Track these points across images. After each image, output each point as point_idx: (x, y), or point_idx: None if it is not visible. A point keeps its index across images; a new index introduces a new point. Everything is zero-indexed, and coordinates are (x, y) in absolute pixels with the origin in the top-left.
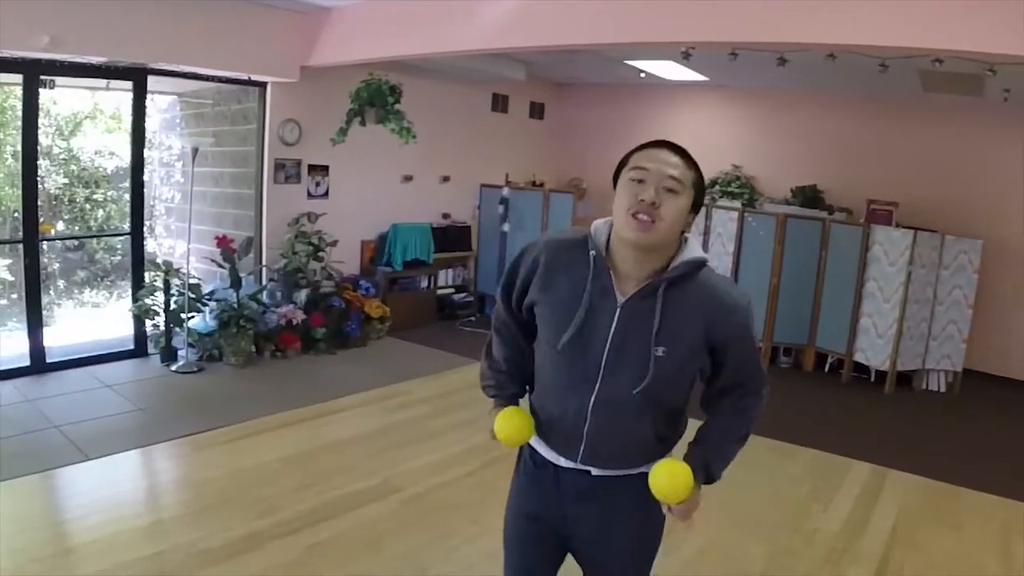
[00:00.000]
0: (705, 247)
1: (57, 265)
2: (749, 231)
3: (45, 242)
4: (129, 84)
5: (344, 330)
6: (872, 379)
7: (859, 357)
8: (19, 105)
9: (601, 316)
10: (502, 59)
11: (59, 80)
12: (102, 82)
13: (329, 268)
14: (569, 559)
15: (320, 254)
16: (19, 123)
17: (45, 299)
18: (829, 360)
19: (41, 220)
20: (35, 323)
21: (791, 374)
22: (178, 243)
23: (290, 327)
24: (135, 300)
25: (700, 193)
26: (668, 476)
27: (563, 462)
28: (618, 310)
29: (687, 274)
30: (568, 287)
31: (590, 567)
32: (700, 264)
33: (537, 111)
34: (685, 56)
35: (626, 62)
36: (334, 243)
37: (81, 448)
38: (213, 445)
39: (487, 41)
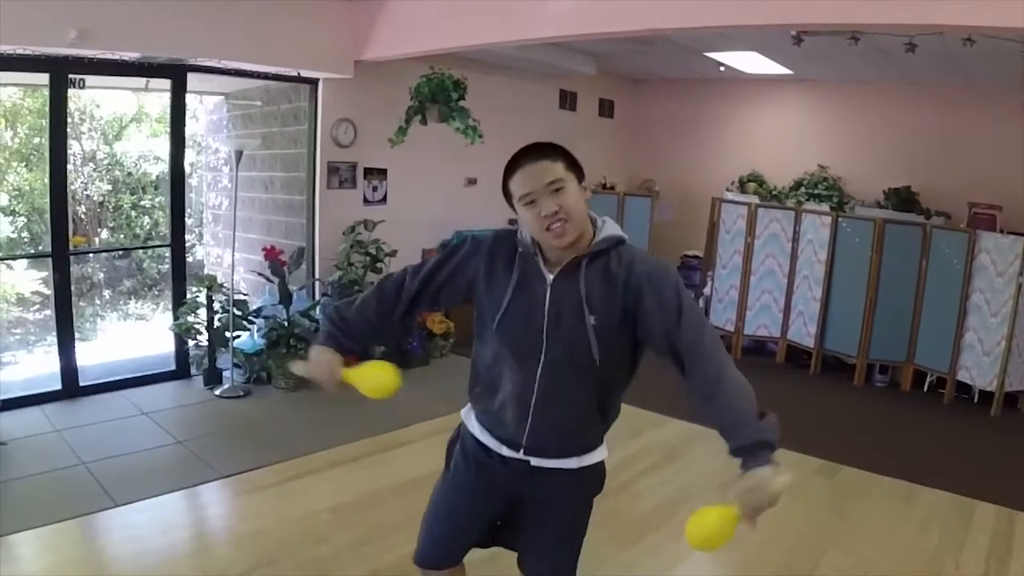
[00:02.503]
0: (794, 253)
1: (102, 275)
2: (843, 237)
3: (78, 254)
4: (167, 83)
5: (405, 348)
6: (976, 400)
7: (962, 376)
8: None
9: (535, 300)
10: (572, 52)
11: (91, 79)
12: (141, 82)
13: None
14: None
15: (378, 265)
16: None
17: (89, 310)
18: (929, 379)
19: (74, 232)
20: (67, 343)
21: (888, 394)
22: (226, 253)
23: None
24: (175, 318)
25: (576, 166)
26: (698, 525)
27: (505, 451)
28: (548, 287)
29: (605, 249)
30: (505, 277)
31: (523, 545)
32: (618, 240)
33: (607, 109)
34: (797, 42)
35: (705, 54)
36: (393, 253)
37: (109, 491)
38: (257, 489)
39: (557, 28)
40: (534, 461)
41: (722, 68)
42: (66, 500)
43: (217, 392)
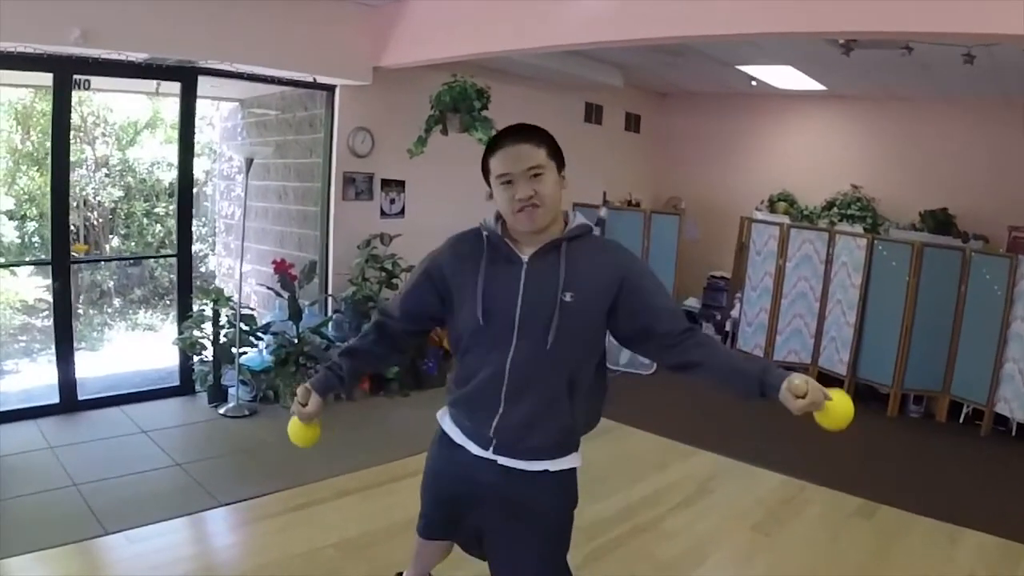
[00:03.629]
0: (827, 276)
1: (112, 283)
2: (879, 260)
3: (80, 263)
4: (177, 86)
5: (420, 368)
6: (1013, 433)
7: (1001, 408)
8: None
9: (509, 279)
10: (598, 63)
11: (99, 81)
12: (153, 85)
13: None
14: None
15: (394, 281)
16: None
17: (98, 319)
18: (965, 410)
19: (84, 238)
20: (66, 354)
21: (923, 426)
22: (238, 264)
23: None
24: (180, 332)
25: (558, 154)
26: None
27: (474, 448)
28: (524, 267)
29: (582, 234)
30: (473, 269)
31: (495, 558)
32: (589, 228)
33: (633, 123)
34: (846, 51)
35: (737, 67)
36: (410, 269)
37: (99, 517)
38: (258, 519)
39: (584, 35)
40: (502, 460)
41: (754, 83)
42: (51, 526)
43: (221, 411)
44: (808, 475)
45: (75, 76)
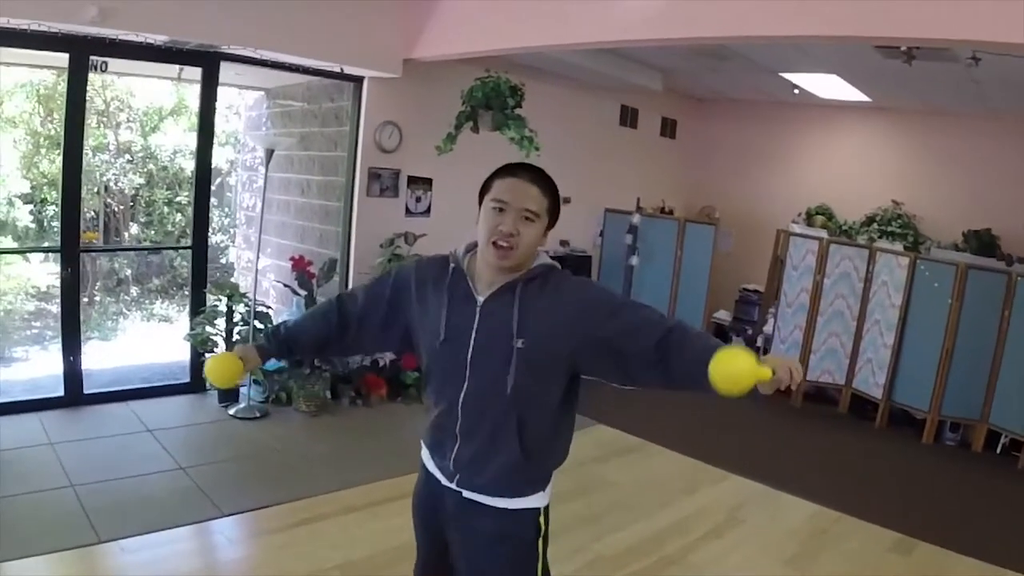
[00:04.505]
0: (866, 295)
1: (129, 271)
2: (921, 281)
3: (90, 251)
4: (199, 72)
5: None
6: None
7: None
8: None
9: (464, 318)
10: (637, 64)
11: (118, 64)
12: (175, 70)
13: None
14: None
15: None
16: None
17: (113, 307)
18: (1002, 440)
19: (104, 225)
20: (72, 346)
21: (959, 456)
22: (257, 251)
23: (376, 369)
24: (192, 327)
25: (555, 214)
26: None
27: (443, 479)
28: (478, 310)
29: (541, 275)
30: (435, 297)
31: None
32: (552, 268)
33: (669, 128)
34: (908, 59)
35: (780, 74)
36: None
37: (94, 522)
38: (261, 533)
39: (625, 32)
40: (466, 493)
41: (796, 91)
42: (43, 530)
43: (231, 412)
44: (841, 504)
45: (92, 57)
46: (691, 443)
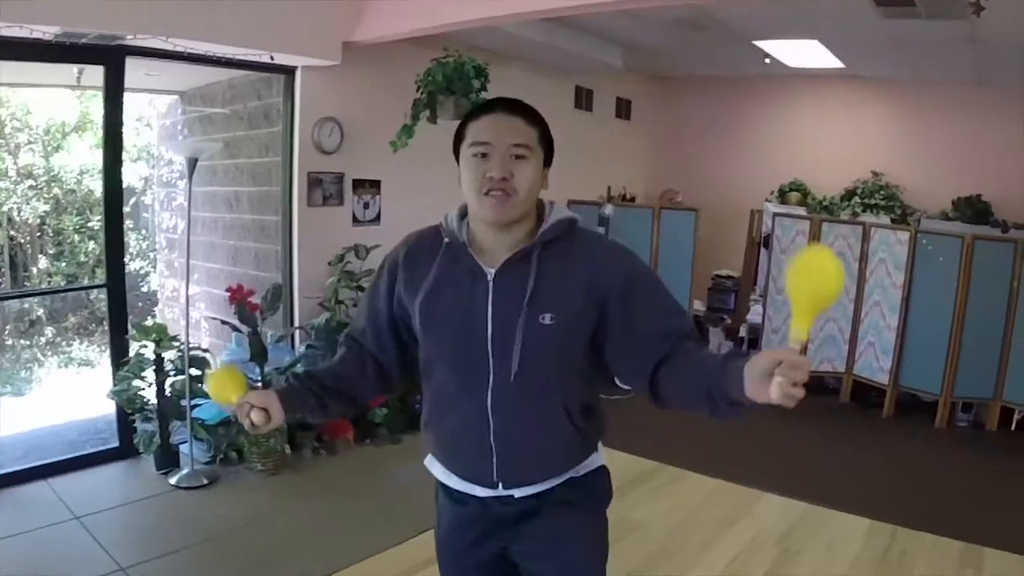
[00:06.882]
0: (862, 275)
1: (41, 311)
2: (924, 256)
3: None
4: (101, 72)
5: (412, 406)
6: None
7: None
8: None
9: (474, 299)
10: (598, 40)
11: (11, 72)
12: (72, 73)
13: None
14: None
15: None
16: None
17: (27, 354)
18: (1016, 416)
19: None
20: None
21: (970, 436)
22: (183, 286)
23: None
24: (116, 382)
25: (549, 146)
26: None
27: (480, 491)
28: (490, 284)
29: (561, 235)
30: (434, 281)
31: None
32: (572, 222)
33: (624, 109)
34: (977, 10)
35: (754, 42)
36: None
37: None
38: None
39: None
40: (519, 492)
41: (767, 60)
42: None
43: (173, 480)
44: (890, 514)
45: None
46: (707, 459)
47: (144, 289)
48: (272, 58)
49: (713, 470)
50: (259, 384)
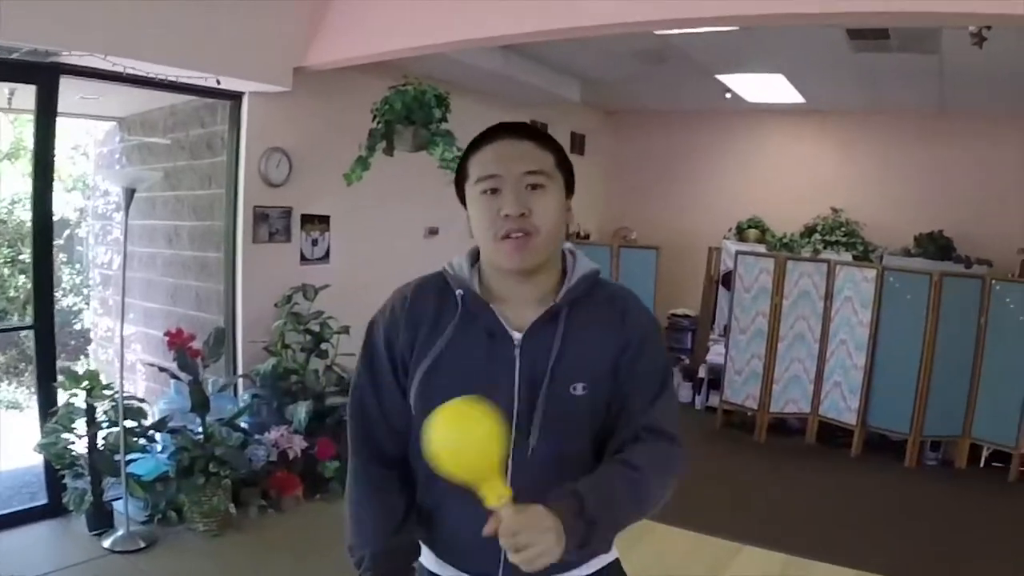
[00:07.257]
0: (827, 313)
1: None
2: (891, 294)
3: None
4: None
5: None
6: None
7: None
8: None
9: (497, 367)
10: (558, 74)
11: None
12: (4, 93)
13: (337, 368)
14: None
15: (324, 347)
16: None
17: None
18: (985, 453)
19: None
20: None
21: (939, 474)
22: (120, 325)
23: (285, 462)
24: (44, 434)
25: (570, 173)
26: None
27: None
28: (518, 350)
29: (589, 290)
30: (444, 342)
31: None
32: (597, 273)
33: (578, 144)
34: (979, 41)
35: (717, 76)
36: (344, 330)
37: None
38: None
39: (576, 19)
40: None
41: (728, 95)
42: None
43: (107, 543)
44: (875, 563)
45: None
46: (676, 509)
47: (77, 327)
48: (219, 82)
49: (683, 521)
50: (201, 439)
